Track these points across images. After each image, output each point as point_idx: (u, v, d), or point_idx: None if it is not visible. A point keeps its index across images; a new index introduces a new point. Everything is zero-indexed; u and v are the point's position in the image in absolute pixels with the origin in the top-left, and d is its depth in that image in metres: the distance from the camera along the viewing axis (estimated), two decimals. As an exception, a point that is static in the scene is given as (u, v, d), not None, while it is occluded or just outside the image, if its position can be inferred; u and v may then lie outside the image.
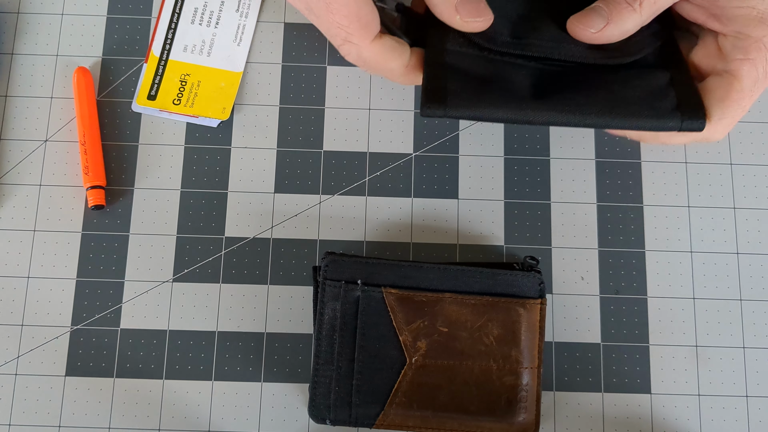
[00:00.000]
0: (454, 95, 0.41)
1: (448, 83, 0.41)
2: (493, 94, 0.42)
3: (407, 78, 0.44)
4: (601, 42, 0.42)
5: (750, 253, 0.48)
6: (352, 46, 0.43)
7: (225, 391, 0.45)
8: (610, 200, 0.48)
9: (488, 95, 0.41)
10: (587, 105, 0.41)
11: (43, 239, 0.47)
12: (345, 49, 0.43)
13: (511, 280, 0.43)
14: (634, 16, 0.41)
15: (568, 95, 0.41)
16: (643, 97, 0.41)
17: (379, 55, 0.43)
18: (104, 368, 0.46)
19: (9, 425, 0.45)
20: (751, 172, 0.49)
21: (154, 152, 0.49)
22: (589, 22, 0.42)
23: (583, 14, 0.42)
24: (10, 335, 0.46)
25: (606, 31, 0.41)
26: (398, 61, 0.43)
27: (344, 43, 0.43)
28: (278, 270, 0.47)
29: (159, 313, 0.46)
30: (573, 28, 0.42)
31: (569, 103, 0.41)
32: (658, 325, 0.47)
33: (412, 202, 0.48)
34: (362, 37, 0.42)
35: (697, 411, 0.46)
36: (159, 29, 0.50)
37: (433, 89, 0.41)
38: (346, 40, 0.42)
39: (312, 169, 0.49)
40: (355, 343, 0.43)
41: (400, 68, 0.43)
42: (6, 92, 0.49)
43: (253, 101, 0.50)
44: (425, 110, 0.41)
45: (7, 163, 0.48)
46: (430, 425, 0.42)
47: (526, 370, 0.43)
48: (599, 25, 0.41)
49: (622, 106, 0.41)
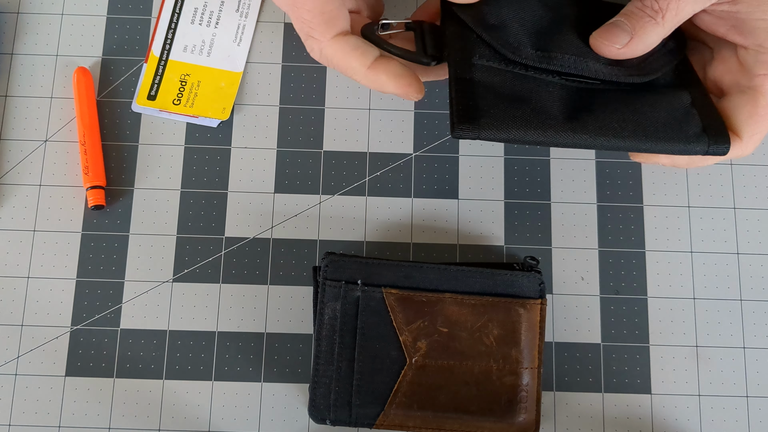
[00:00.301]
0: (487, 116, 0.38)
1: (479, 101, 0.39)
2: (525, 115, 0.40)
3: (369, 79, 0.42)
4: (626, 57, 0.41)
5: (750, 253, 0.48)
6: (314, 41, 0.42)
7: (225, 391, 0.45)
8: (610, 200, 0.48)
9: (521, 116, 0.39)
10: (621, 129, 0.40)
11: (43, 239, 0.47)
12: (308, 45, 0.43)
13: (511, 280, 0.43)
14: (657, 29, 0.41)
15: (601, 117, 0.40)
16: (671, 120, 0.40)
17: (340, 53, 0.42)
18: (104, 368, 0.46)
19: (9, 425, 0.45)
20: (751, 172, 0.49)
21: (154, 152, 0.49)
22: (613, 38, 0.41)
23: (606, 30, 0.41)
24: (10, 335, 0.46)
25: (631, 46, 0.41)
26: (360, 60, 0.42)
27: (307, 38, 0.42)
28: (278, 270, 0.47)
29: (159, 313, 0.46)
30: (597, 45, 0.41)
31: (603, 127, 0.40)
32: (658, 325, 0.47)
33: (412, 202, 0.48)
34: (323, 32, 0.42)
35: (697, 411, 0.46)
36: (159, 29, 0.50)
37: (464, 108, 0.38)
38: (309, 35, 0.42)
39: (312, 169, 0.49)
40: (355, 343, 0.43)
41: (361, 68, 0.42)
42: (6, 92, 0.49)
43: (253, 101, 0.50)
44: (458, 131, 0.38)
45: (7, 163, 0.48)
46: (430, 425, 0.42)
47: (526, 370, 0.43)
48: (624, 41, 0.41)
49: (652, 130, 0.40)
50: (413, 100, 0.43)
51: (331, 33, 0.42)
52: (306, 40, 0.43)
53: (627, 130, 0.40)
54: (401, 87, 0.42)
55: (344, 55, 0.42)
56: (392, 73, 0.42)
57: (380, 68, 0.42)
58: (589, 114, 0.40)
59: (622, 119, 0.40)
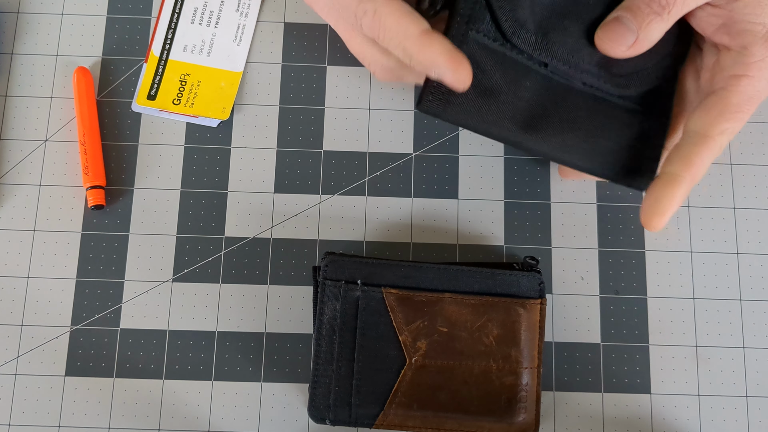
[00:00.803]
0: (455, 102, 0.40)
1: None
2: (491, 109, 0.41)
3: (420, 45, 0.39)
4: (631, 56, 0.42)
5: (750, 253, 0.48)
6: (368, 3, 0.40)
7: (225, 391, 0.45)
8: (610, 200, 0.48)
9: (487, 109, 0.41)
10: (573, 149, 0.42)
11: (43, 239, 0.47)
12: (362, 8, 0.41)
13: (511, 280, 0.43)
14: (661, 25, 0.40)
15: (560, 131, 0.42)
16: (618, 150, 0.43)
17: (398, 13, 0.40)
18: (104, 368, 0.46)
19: (9, 425, 0.45)
20: (751, 172, 0.49)
21: (154, 152, 0.49)
22: (619, 39, 0.41)
23: (612, 30, 0.41)
24: (10, 335, 0.46)
25: (636, 47, 0.41)
26: (416, 24, 0.39)
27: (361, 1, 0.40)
28: (278, 270, 0.47)
29: (159, 313, 0.46)
30: (603, 46, 0.41)
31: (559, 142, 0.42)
32: (658, 325, 0.47)
33: (412, 202, 0.48)
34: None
35: (697, 411, 0.46)
36: (159, 29, 0.50)
37: (437, 85, 0.40)
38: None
39: (312, 169, 0.49)
40: (355, 343, 0.43)
41: (416, 31, 0.39)
42: (6, 92, 0.49)
43: (253, 101, 0.50)
44: (425, 104, 0.39)
45: (7, 163, 0.48)
46: (430, 425, 0.42)
47: (525, 370, 0.43)
48: (629, 41, 0.41)
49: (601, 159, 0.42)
50: (460, 85, 0.39)
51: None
52: (359, 4, 0.40)
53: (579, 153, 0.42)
54: (453, 60, 0.39)
55: (401, 15, 0.40)
56: (445, 46, 0.39)
57: (434, 37, 0.39)
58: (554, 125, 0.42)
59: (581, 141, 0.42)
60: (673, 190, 0.40)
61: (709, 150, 0.41)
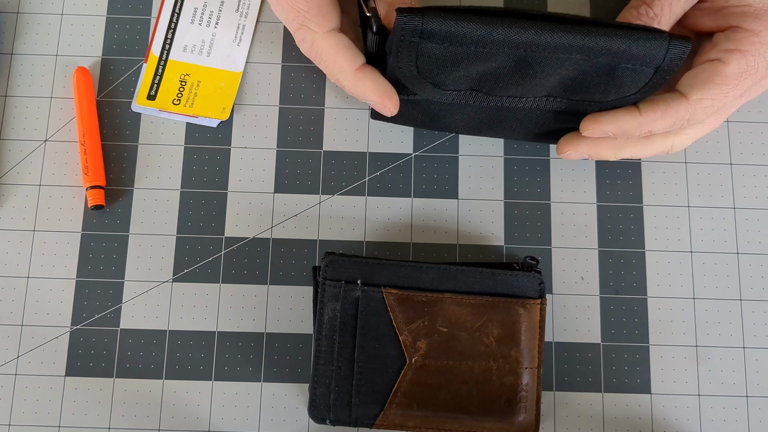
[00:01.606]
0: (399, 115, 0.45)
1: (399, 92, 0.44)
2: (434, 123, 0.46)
3: (353, 80, 0.43)
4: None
5: (750, 253, 0.48)
6: (307, 32, 0.42)
7: (225, 391, 0.45)
8: (610, 200, 0.48)
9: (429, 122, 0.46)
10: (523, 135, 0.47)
11: (43, 239, 0.47)
12: (300, 35, 0.43)
13: (511, 280, 0.43)
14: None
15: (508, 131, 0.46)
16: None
17: (333, 48, 0.42)
18: (104, 368, 0.46)
19: (9, 425, 0.45)
20: (751, 172, 0.49)
21: (154, 152, 0.49)
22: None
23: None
24: (10, 335, 0.46)
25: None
26: (350, 61, 0.42)
27: (301, 27, 0.42)
28: (278, 270, 0.47)
29: (159, 313, 0.46)
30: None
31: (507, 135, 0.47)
32: (658, 325, 0.47)
33: (412, 202, 0.48)
34: (319, 24, 0.42)
35: (697, 411, 0.46)
36: (159, 29, 0.50)
37: None
38: (303, 25, 0.42)
39: (312, 169, 0.49)
40: (355, 343, 0.43)
41: (350, 68, 0.43)
42: (6, 92, 0.49)
43: (252, 101, 0.49)
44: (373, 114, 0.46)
45: (7, 163, 0.48)
46: (430, 425, 0.42)
47: (526, 370, 0.43)
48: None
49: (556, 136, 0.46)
50: (387, 114, 0.44)
51: (327, 26, 0.42)
52: (298, 30, 0.43)
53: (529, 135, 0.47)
54: (381, 97, 0.43)
55: (337, 51, 0.42)
56: (377, 81, 0.43)
57: (367, 74, 0.43)
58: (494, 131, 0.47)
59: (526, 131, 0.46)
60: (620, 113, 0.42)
61: (678, 109, 0.41)
